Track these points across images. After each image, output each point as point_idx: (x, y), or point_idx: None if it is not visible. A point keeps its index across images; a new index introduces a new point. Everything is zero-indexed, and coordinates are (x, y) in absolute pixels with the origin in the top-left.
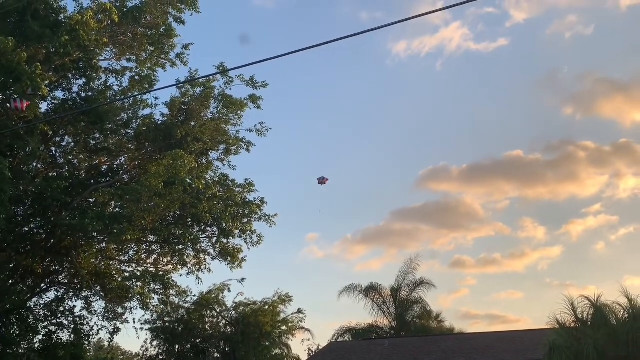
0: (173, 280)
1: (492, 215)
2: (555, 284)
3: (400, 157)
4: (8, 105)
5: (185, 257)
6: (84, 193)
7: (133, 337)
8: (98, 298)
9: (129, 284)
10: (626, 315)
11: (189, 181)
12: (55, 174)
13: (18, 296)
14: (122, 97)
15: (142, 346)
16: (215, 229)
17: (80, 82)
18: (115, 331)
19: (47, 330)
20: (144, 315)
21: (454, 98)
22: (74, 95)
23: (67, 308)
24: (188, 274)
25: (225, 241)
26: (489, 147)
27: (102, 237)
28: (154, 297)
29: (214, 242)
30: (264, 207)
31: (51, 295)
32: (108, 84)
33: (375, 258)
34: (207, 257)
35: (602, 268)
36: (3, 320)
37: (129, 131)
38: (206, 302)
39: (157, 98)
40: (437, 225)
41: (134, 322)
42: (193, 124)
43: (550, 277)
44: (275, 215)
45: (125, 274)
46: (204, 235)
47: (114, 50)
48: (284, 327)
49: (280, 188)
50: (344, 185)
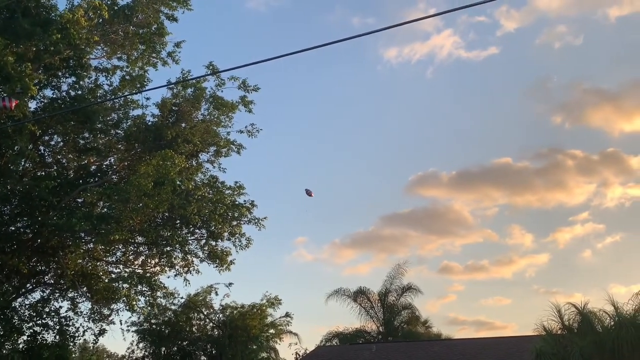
0: (160, 282)
1: (480, 222)
2: (542, 291)
3: (390, 163)
4: None
5: (173, 259)
6: (72, 193)
7: (119, 338)
8: (84, 299)
9: (115, 285)
10: (612, 323)
11: (178, 183)
12: (43, 174)
13: (3, 296)
14: (113, 96)
15: (128, 348)
16: (204, 231)
17: (70, 80)
18: (100, 332)
19: (32, 330)
20: (130, 317)
21: (444, 105)
22: (64, 94)
23: (52, 309)
24: (176, 275)
25: (213, 243)
26: (478, 154)
27: (89, 238)
28: (140, 299)
29: (202, 244)
30: (254, 210)
31: (37, 295)
32: (98, 83)
33: (364, 263)
34: (195, 259)
35: (588, 276)
36: None
37: (119, 131)
38: (193, 304)
39: (148, 99)
40: (426, 231)
41: (120, 324)
42: (184, 125)
43: (538, 284)
44: (264, 218)
45: (112, 275)
46: (192, 238)
47: (104, 48)
48: (271, 331)
49: (270, 191)
50: (334, 189)
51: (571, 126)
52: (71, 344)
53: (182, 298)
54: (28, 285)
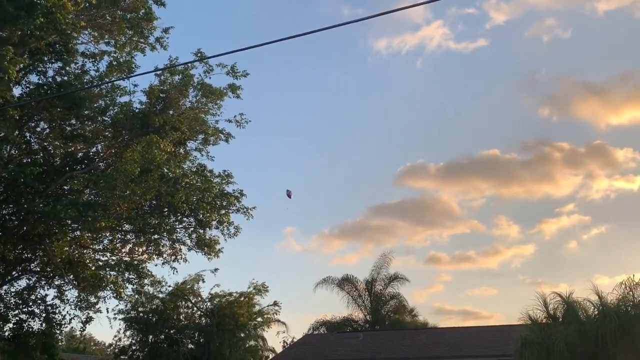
0: (148, 270)
1: (467, 213)
2: (528, 281)
3: (379, 154)
4: None
5: (161, 247)
6: (58, 180)
7: (106, 326)
8: (71, 287)
9: (102, 273)
10: (596, 312)
11: (165, 170)
12: (29, 160)
13: None
14: (99, 82)
15: (115, 336)
16: (192, 219)
17: (56, 66)
18: (87, 320)
19: (17, 318)
20: (117, 305)
21: (433, 96)
22: (49, 79)
23: (38, 296)
24: (163, 263)
25: (202, 232)
26: (466, 146)
27: (76, 225)
28: (127, 287)
29: (190, 232)
30: (243, 199)
31: (23, 283)
32: (85, 69)
33: (352, 253)
34: (183, 247)
35: (574, 267)
36: None
37: (106, 118)
38: (181, 292)
39: (135, 85)
40: (414, 222)
41: (107, 312)
42: (171, 112)
43: (523, 274)
44: (253, 208)
45: (99, 263)
46: (180, 226)
47: (92, 33)
48: (259, 319)
49: (259, 182)
50: (323, 180)
51: (558, 119)
52: (57, 331)
53: (169, 286)
54: (14, 272)
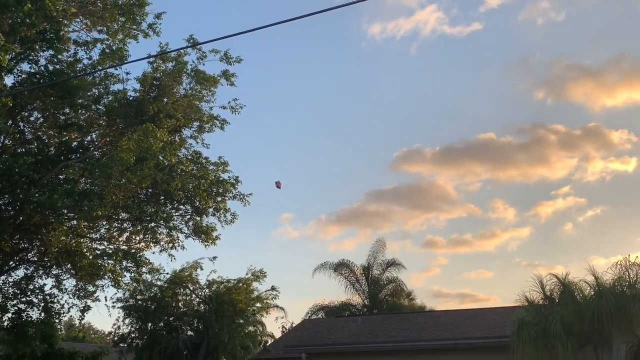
0: (145, 258)
1: (464, 197)
2: (524, 263)
3: (375, 139)
4: None
5: (158, 235)
6: (53, 169)
7: (105, 315)
8: (68, 276)
9: (100, 261)
10: (592, 293)
11: (161, 158)
12: (23, 150)
13: None
14: (92, 70)
15: (114, 324)
16: (188, 207)
17: (48, 54)
18: (86, 309)
19: (16, 308)
20: (115, 294)
21: (428, 81)
22: (42, 68)
23: (36, 286)
24: (161, 251)
25: (198, 219)
26: (461, 130)
27: (72, 214)
28: (125, 275)
29: (187, 220)
30: (239, 186)
31: (20, 273)
32: (77, 57)
33: (349, 238)
34: (180, 234)
35: (569, 248)
36: None
37: (100, 107)
38: (179, 280)
39: (128, 73)
40: (410, 207)
41: (106, 300)
42: (165, 100)
43: (520, 257)
44: (249, 194)
45: (97, 252)
46: (177, 213)
47: (84, 21)
48: (257, 305)
49: (254, 168)
50: (319, 166)
51: (553, 102)
52: (56, 320)
53: (167, 274)
54: (11, 262)
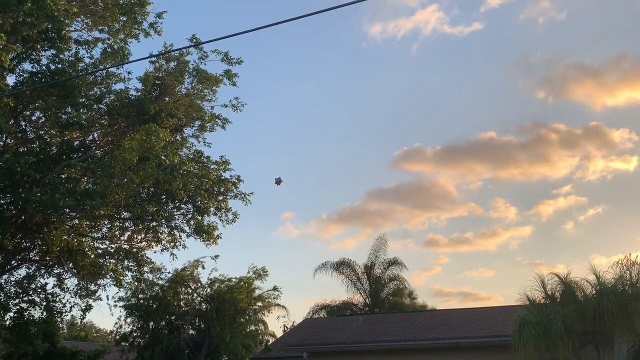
0: (147, 257)
1: (465, 196)
2: (526, 262)
3: (376, 138)
4: None
5: (160, 234)
6: (55, 168)
7: (107, 314)
8: (70, 275)
9: (101, 260)
10: (594, 292)
11: (163, 157)
12: (25, 149)
13: None
14: (94, 69)
15: (116, 323)
16: (190, 206)
17: (49, 53)
18: (88, 308)
19: (18, 307)
20: (117, 292)
21: (429, 81)
22: (43, 67)
23: (38, 285)
24: (162, 250)
25: (200, 218)
26: (462, 129)
27: (74, 214)
28: (127, 274)
29: (188, 219)
30: (240, 185)
31: (22, 272)
32: (79, 56)
33: (350, 237)
34: (181, 234)
35: (571, 247)
36: None
37: (102, 106)
38: (181, 279)
39: (129, 72)
40: (412, 206)
41: (108, 299)
42: (167, 99)
43: (521, 256)
44: (251, 193)
45: (98, 251)
46: (178, 213)
47: (85, 20)
48: (259, 304)
49: (256, 167)
50: (320, 165)
51: (554, 101)
52: (58, 319)
53: (169, 273)
54: (13, 262)
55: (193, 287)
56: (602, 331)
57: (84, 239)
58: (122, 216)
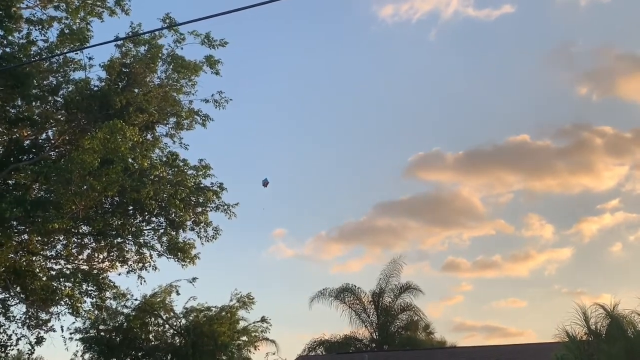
0: (110, 281)
1: (492, 211)
2: (565, 291)
3: (386, 142)
4: None
5: (125, 253)
6: (1, 173)
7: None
8: (17, 301)
9: (55, 284)
10: None
11: (130, 160)
12: None
13: None
14: (49, 54)
15: (72, 359)
16: (162, 219)
17: None
18: (38, 341)
19: None
20: (74, 323)
21: (449, 73)
22: None
23: None
24: (128, 272)
25: (174, 234)
26: (489, 131)
27: (22, 227)
28: (86, 301)
29: (160, 234)
30: (223, 194)
31: None
32: (31, 39)
33: (354, 259)
34: (152, 252)
35: (619, 273)
36: None
37: (58, 98)
38: (150, 307)
39: (91, 58)
40: (428, 222)
41: (62, 331)
42: (136, 90)
43: (559, 283)
44: (235, 204)
45: (52, 272)
46: (148, 227)
47: None
48: (244, 338)
49: (243, 174)
50: (319, 172)
51: (599, 98)
52: (2, 354)
53: (136, 299)
54: None
55: (165, 317)
56: None
57: (34, 258)
58: (81, 231)
